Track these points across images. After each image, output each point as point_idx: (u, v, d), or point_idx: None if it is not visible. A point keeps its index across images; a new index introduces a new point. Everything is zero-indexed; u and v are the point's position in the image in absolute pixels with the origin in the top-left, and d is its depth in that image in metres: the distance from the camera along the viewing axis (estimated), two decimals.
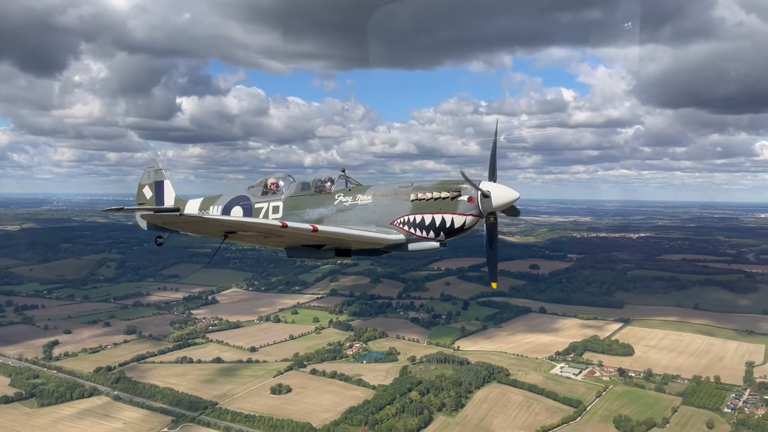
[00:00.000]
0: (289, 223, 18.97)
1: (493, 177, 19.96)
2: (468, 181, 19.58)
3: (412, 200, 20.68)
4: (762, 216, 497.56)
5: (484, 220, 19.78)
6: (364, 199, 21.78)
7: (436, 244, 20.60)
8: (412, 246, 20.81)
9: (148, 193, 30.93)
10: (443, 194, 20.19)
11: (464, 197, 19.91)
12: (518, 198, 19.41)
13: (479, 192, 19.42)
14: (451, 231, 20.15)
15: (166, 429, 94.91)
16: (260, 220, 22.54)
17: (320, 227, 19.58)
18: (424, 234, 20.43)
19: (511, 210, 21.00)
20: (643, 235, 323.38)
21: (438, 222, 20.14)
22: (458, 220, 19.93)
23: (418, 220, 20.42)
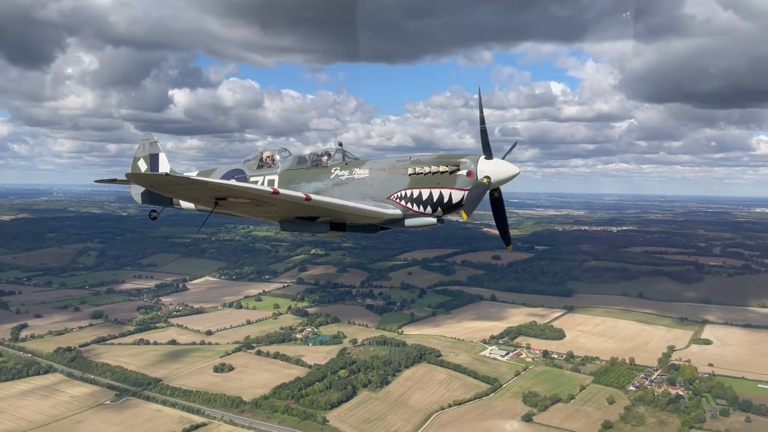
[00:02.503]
0: (281, 190, 18.56)
1: (488, 152, 19.38)
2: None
3: (410, 174, 20.29)
4: (758, 210, 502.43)
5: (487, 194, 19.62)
6: (360, 173, 21.41)
7: (434, 220, 20.15)
8: (408, 221, 20.40)
9: (143, 165, 30.44)
10: (441, 168, 19.76)
11: (463, 172, 19.47)
12: (518, 173, 19.27)
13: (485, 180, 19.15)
14: (450, 206, 19.75)
15: (108, 402, 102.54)
16: (251, 185, 20.98)
17: (313, 196, 19.02)
18: (422, 209, 20.05)
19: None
20: (625, 228, 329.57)
21: (436, 197, 19.73)
22: (456, 195, 19.50)
23: (415, 195, 20.08)
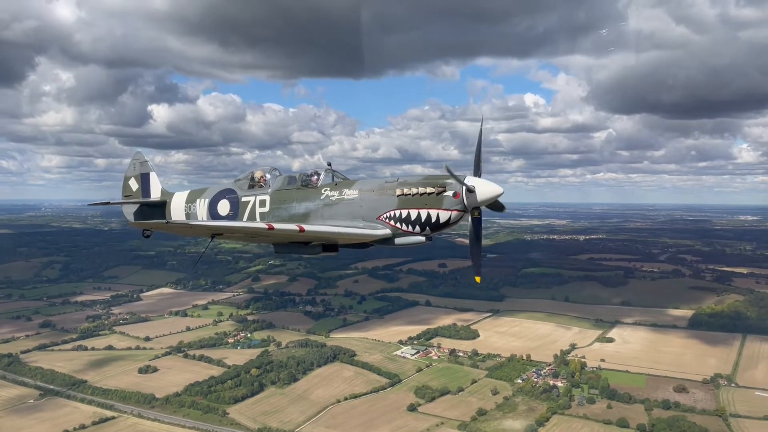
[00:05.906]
0: (276, 225, 19.62)
1: (477, 172, 20.27)
2: (453, 176, 20.01)
3: (398, 195, 21.09)
4: (740, 218, 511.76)
5: (469, 214, 20.04)
6: (350, 193, 22.05)
7: (422, 239, 20.94)
8: (398, 240, 21.18)
9: (134, 185, 31.00)
10: (428, 189, 20.56)
11: (449, 193, 20.21)
12: (502, 193, 19.95)
13: (464, 187, 19.85)
14: (437, 226, 20.49)
15: (32, 401, 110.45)
16: (247, 223, 22.88)
17: (306, 227, 20.01)
18: (410, 228, 20.78)
19: (495, 204, 21.10)
20: (593, 236, 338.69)
21: (424, 217, 20.47)
22: (443, 215, 20.27)
23: (404, 215, 20.82)
